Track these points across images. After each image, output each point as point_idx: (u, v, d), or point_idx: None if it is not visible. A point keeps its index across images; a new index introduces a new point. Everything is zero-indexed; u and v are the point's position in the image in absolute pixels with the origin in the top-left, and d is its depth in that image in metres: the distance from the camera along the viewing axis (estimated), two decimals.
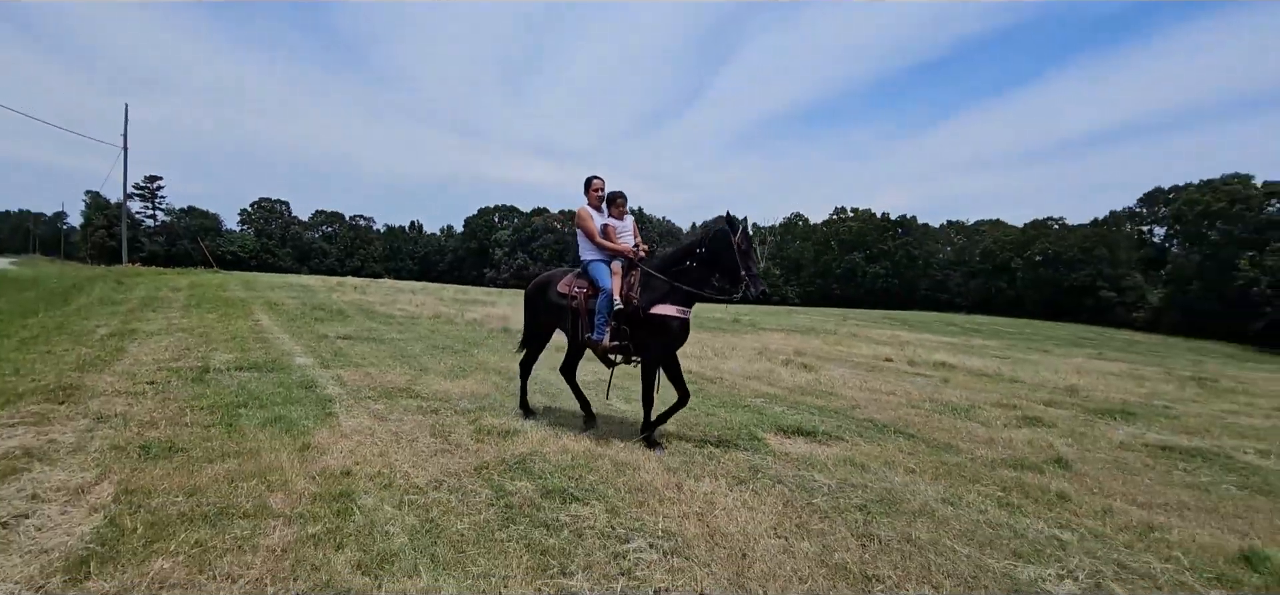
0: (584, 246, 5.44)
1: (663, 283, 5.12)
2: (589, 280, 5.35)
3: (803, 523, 3.64)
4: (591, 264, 5.34)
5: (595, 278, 5.27)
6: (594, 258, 5.35)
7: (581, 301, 5.37)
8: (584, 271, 5.42)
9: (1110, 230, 72.23)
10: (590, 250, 5.39)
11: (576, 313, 5.40)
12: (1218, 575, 3.23)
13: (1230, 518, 4.31)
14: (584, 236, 5.41)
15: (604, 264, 5.31)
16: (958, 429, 6.63)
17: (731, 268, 4.97)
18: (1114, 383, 12.26)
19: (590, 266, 5.34)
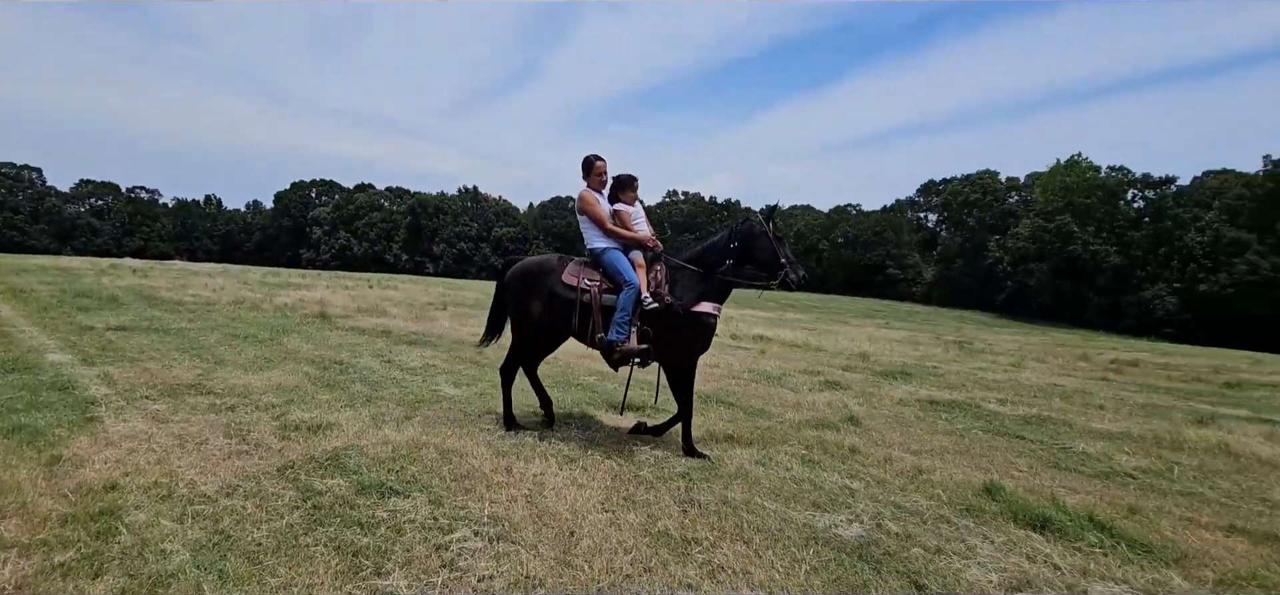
0: (593, 234, 4.85)
1: (698, 277, 4.78)
2: (603, 272, 4.75)
3: (629, 495, 3.76)
4: (607, 253, 4.74)
5: (616, 270, 4.66)
6: (607, 247, 4.78)
7: (595, 296, 4.70)
8: (596, 262, 4.81)
9: (896, 216, 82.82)
10: (600, 238, 4.81)
11: (586, 309, 4.72)
12: (968, 506, 3.86)
13: (978, 457, 5.17)
14: (592, 223, 4.84)
15: (621, 254, 4.75)
16: (771, 395, 7.25)
17: (769, 257, 4.74)
18: (896, 348, 14.14)
19: (607, 256, 4.73)
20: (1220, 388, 10.61)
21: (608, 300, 4.66)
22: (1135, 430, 6.31)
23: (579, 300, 4.75)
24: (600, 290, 4.70)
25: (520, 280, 5.05)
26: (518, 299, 5.06)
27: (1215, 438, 5.86)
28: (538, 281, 4.95)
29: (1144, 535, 3.48)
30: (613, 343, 4.57)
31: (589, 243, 4.88)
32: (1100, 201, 58.32)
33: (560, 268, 4.92)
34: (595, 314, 4.68)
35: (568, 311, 4.80)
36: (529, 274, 5.02)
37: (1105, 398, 8.49)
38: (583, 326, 4.76)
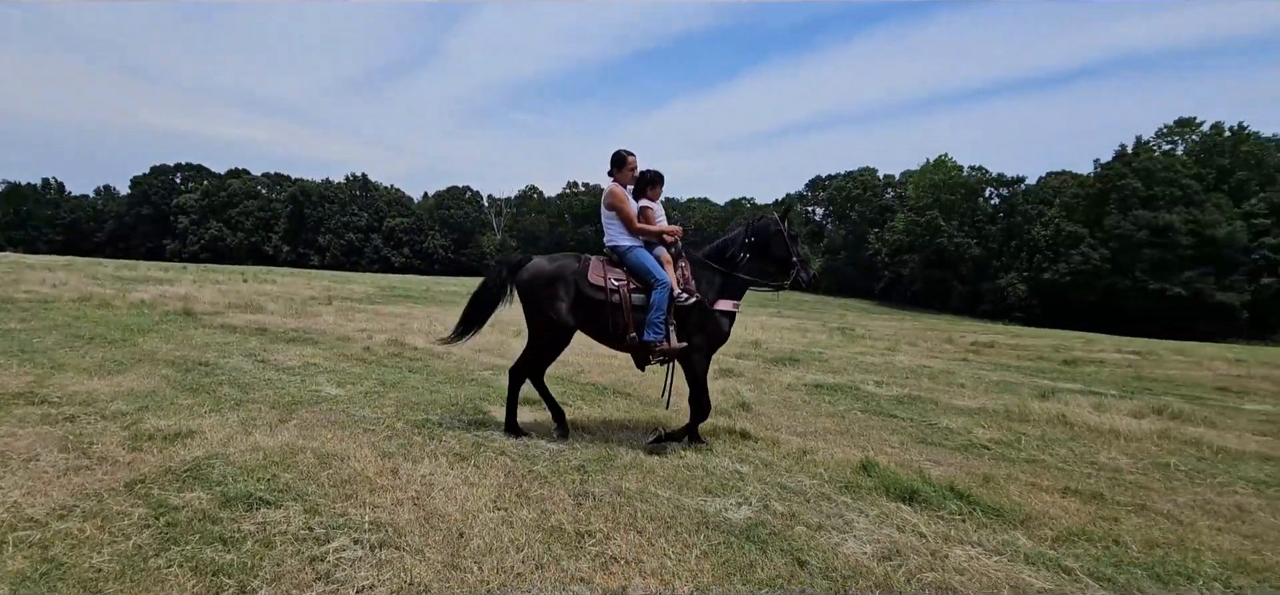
0: (618, 231, 4.77)
1: (720, 274, 4.82)
2: (630, 270, 4.67)
3: (523, 491, 3.70)
4: (633, 251, 4.68)
5: (645, 268, 4.61)
6: (633, 245, 4.72)
7: (624, 295, 4.59)
8: (621, 259, 4.74)
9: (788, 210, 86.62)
10: (625, 235, 4.75)
11: (616, 308, 4.60)
12: (846, 483, 4.10)
13: (857, 436, 5.51)
14: (620, 220, 4.75)
15: (647, 252, 4.70)
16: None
17: (783, 255, 4.90)
18: (786, 336, 14.83)
19: (632, 253, 4.68)
20: (1059, 365, 11.94)
21: (637, 299, 4.59)
22: (990, 406, 6.97)
23: (609, 300, 4.62)
24: (629, 289, 4.62)
25: (543, 282, 4.75)
26: (541, 301, 4.75)
27: (1054, 410, 6.58)
28: (562, 282, 4.72)
29: (996, 501, 3.85)
30: (649, 343, 4.53)
31: (613, 239, 4.81)
32: (963, 198, 64.01)
33: (583, 267, 4.75)
34: (625, 313, 4.59)
35: (597, 312, 4.66)
36: (553, 275, 4.75)
37: (966, 377, 9.32)
38: (613, 327, 4.63)
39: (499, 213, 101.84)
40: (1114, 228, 51.85)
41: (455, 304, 18.30)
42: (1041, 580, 2.92)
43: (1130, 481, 4.56)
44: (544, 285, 4.74)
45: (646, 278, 4.61)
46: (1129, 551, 3.30)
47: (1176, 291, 49.31)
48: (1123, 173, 53.37)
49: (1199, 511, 4.00)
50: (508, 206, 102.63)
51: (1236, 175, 52.07)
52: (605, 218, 4.89)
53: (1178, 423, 6.49)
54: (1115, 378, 10.37)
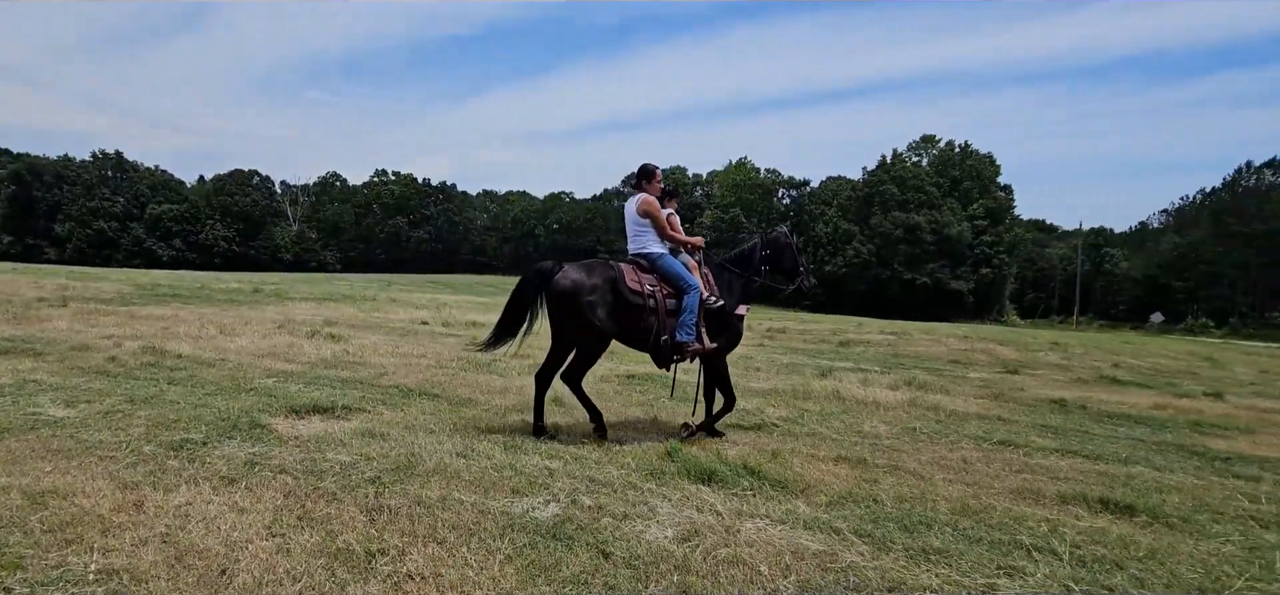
0: (651, 238, 5.03)
1: (739, 280, 5.29)
2: (661, 275, 4.95)
3: (305, 512, 3.31)
4: (664, 258, 4.97)
5: (676, 273, 4.91)
6: (663, 251, 5.03)
7: (660, 299, 4.83)
8: (652, 265, 4.98)
9: (605, 204, 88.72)
10: (657, 243, 5.03)
11: (654, 312, 4.82)
12: (652, 470, 4.25)
13: (664, 424, 5.76)
14: (652, 228, 5.03)
15: (675, 258, 5.01)
16: (480, 383, 7.12)
17: (792, 265, 5.54)
18: None
19: (663, 260, 4.96)
20: (837, 347, 13.60)
21: (670, 304, 4.87)
22: (780, 386, 7.71)
23: (646, 304, 4.82)
24: (663, 293, 4.87)
25: (587, 290, 4.79)
26: (583, 309, 4.78)
27: (831, 387, 7.45)
28: (604, 290, 4.82)
29: (782, 474, 4.23)
30: (684, 344, 4.83)
31: (644, 246, 5.04)
32: (760, 198, 70.46)
33: (620, 273, 4.87)
34: (661, 317, 4.83)
35: (634, 316, 4.83)
36: (596, 283, 4.82)
37: (762, 361, 10.22)
38: (649, 330, 4.86)
39: (294, 201, 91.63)
40: (878, 226, 60.28)
41: (236, 303, 16.09)
42: (816, 543, 3.25)
43: (887, 446, 5.30)
44: (588, 293, 4.79)
45: (678, 282, 4.91)
46: (884, 508, 3.81)
47: (923, 280, 58.69)
48: (883, 179, 62.24)
49: (936, 467, 4.76)
50: (306, 195, 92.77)
51: (964, 184, 63.22)
52: (637, 225, 5.10)
53: (922, 392, 7.69)
54: (878, 356, 12.05)
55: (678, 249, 5.16)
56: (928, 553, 3.21)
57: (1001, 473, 4.70)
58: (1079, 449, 5.48)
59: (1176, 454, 5.53)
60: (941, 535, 3.45)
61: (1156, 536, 3.58)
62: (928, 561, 3.12)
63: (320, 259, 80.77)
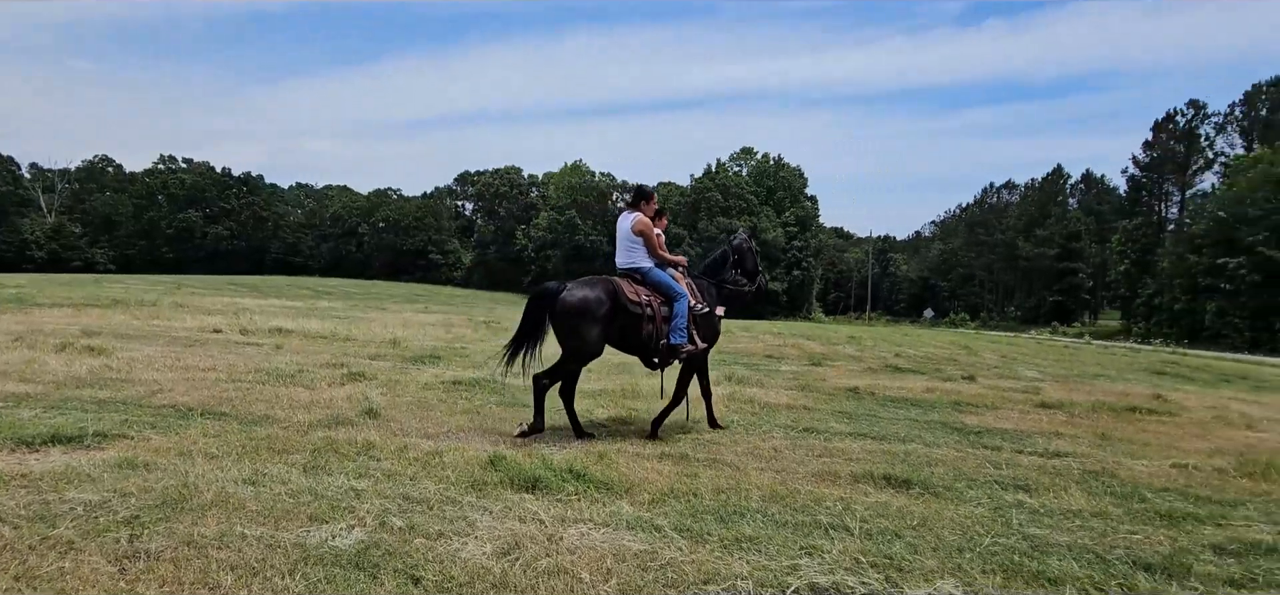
0: (642, 254, 5.56)
1: (713, 286, 5.94)
2: (653, 286, 5.45)
3: (26, 570, 2.68)
4: (654, 272, 5.52)
5: (667, 284, 5.47)
6: (652, 265, 5.54)
7: (655, 308, 5.34)
8: (644, 278, 5.49)
9: (436, 203, 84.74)
10: (647, 258, 5.56)
11: (651, 320, 5.33)
12: (473, 482, 4.04)
13: (490, 431, 5.54)
14: (645, 244, 5.55)
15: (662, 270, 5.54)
16: (280, 397, 6.36)
17: (752, 267, 6.18)
18: (430, 332, 14.38)
19: (654, 273, 5.51)
20: None
21: (664, 312, 5.38)
22: (610, 386, 7.79)
23: (644, 314, 5.31)
24: (657, 303, 5.37)
25: (595, 304, 5.21)
26: (588, 323, 5.19)
27: (657, 385, 7.65)
28: (607, 304, 5.24)
29: (608, 475, 4.24)
30: (678, 347, 5.42)
31: (634, 261, 5.55)
32: (596, 200, 71.52)
33: (619, 287, 5.31)
34: (657, 324, 5.35)
35: (634, 326, 5.34)
36: (602, 299, 5.24)
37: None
38: (647, 337, 5.37)
39: (51, 188, 76.48)
40: (705, 230, 63.93)
41: None
42: (638, 543, 3.28)
43: (707, 440, 5.55)
44: (597, 307, 5.20)
45: (669, 292, 5.45)
46: (703, 501, 3.96)
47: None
48: (709, 186, 66.21)
49: (750, 457, 5.06)
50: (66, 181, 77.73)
51: (778, 194, 69.23)
52: (629, 241, 5.57)
53: (741, 386, 8.20)
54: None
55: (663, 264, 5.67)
56: (740, 541, 3.38)
57: (805, 458, 5.12)
58: (868, 431, 6.16)
59: (942, 430, 6.43)
60: (753, 522, 3.65)
61: (926, 505, 4.10)
62: (740, 550, 3.28)
63: (86, 257, 68.02)
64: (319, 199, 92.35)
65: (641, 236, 5.56)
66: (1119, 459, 5.56)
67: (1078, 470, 5.11)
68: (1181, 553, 3.51)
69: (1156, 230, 58.58)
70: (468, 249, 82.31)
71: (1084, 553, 3.47)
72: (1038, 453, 5.67)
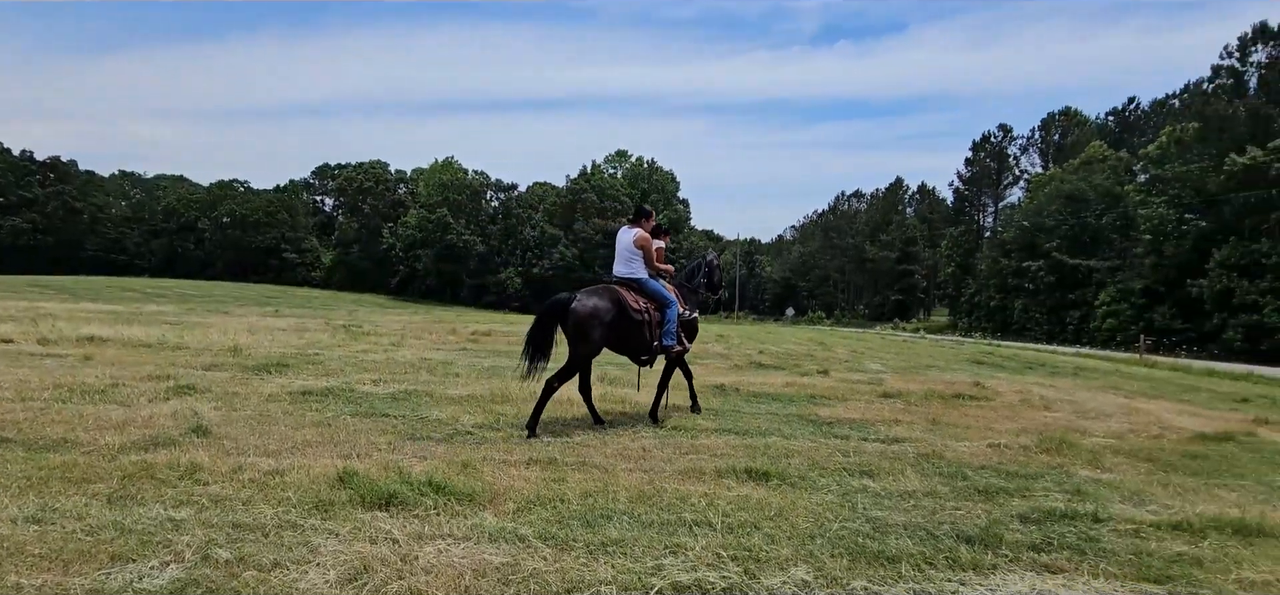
0: (640, 266, 6.24)
1: (692, 293, 6.89)
2: (650, 296, 6.13)
3: None
4: (649, 281, 6.23)
5: (660, 293, 6.20)
6: (647, 276, 6.26)
7: (651, 315, 6.04)
8: (642, 290, 6.13)
9: (290, 198, 78.04)
10: (644, 270, 6.26)
11: (648, 325, 6.01)
12: (318, 502, 3.70)
13: (342, 444, 5.12)
14: (644, 259, 6.24)
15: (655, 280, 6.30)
16: (85, 417, 5.51)
17: (718, 280, 7.16)
18: (279, 337, 13.16)
19: (650, 283, 6.22)
20: None
21: (656, 317, 6.03)
22: (479, 392, 7.52)
23: (643, 320, 5.95)
24: (653, 309, 6.03)
25: (604, 312, 5.77)
26: (597, 328, 5.74)
27: (529, 389, 7.50)
28: (614, 311, 5.82)
29: (470, 486, 4.06)
30: (670, 347, 6.12)
31: (634, 272, 6.17)
32: (469, 198, 69.28)
33: (621, 297, 5.90)
34: (653, 328, 6.03)
35: (640, 331, 5.97)
36: (609, 307, 5.81)
37: (463, 366, 9.91)
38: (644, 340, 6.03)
39: None
40: (581, 231, 64.01)
41: None
42: (500, 555, 3.16)
43: (577, 442, 5.50)
44: (604, 315, 5.76)
45: (662, 300, 6.15)
46: (570, 506, 3.90)
47: None
48: (585, 188, 66.37)
49: (619, 458, 5.08)
50: None
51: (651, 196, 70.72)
52: (629, 253, 6.19)
53: (613, 387, 8.23)
54: None
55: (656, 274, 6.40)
56: (606, 545, 3.36)
57: (673, 456, 5.22)
58: (732, 427, 6.41)
59: (799, 423, 6.83)
60: (619, 525, 3.65)
61: (783, 496, 4.31)
62: (605, 554, 3.26)
63: None
64: (148, 190, 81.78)
65: (642, 250, 6.24)
66: (946, 442, 6.19)
67: (913, 454, 5.63)
68: (995, 524, 3.95)
69: (976, 237, 66.51)
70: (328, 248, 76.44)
71: (917, 530, 3.81)
72: (880, 440, 6.18)
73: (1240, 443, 6.85)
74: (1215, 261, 34.81)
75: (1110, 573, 3.39)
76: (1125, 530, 4.00)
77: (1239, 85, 38.17)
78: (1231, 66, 38.79)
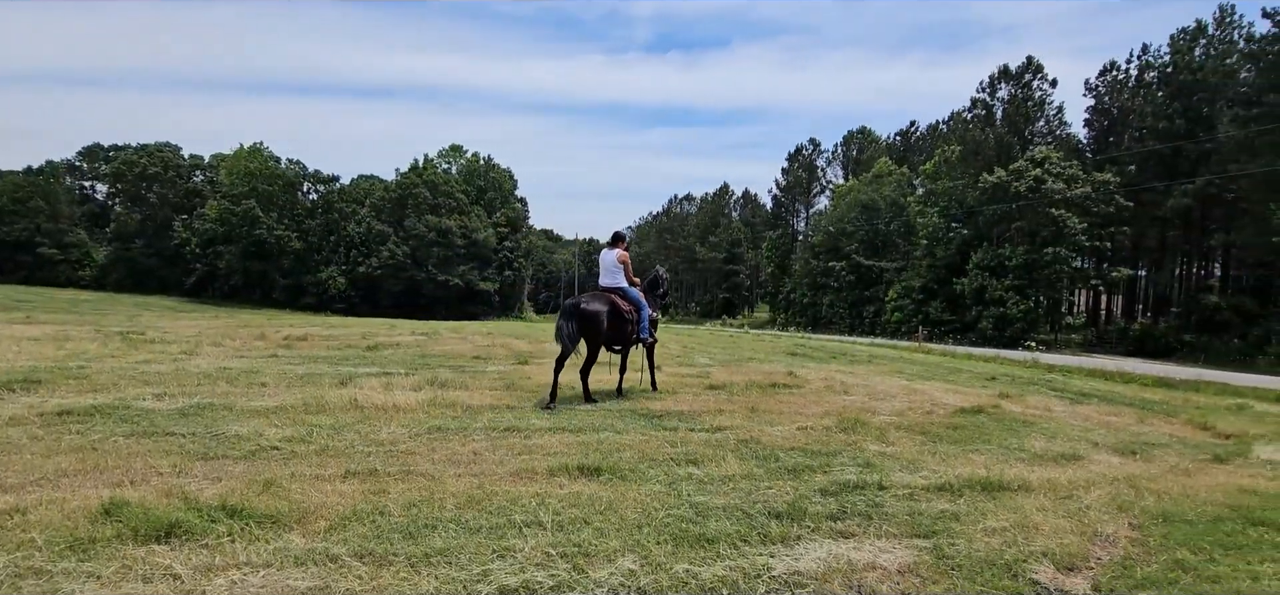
0: (620, 278, 8.13)
1: (656, 300, 8.86)
2: (631, 301, 8.07)
3: None
4: (631, 290, 8.15)
5: (637, 298, 8.16)
6: (628, 287, 8.15)
7: (633, 315, 8.01)
8: (625, 296, 8.03)
9: (49, 182, 65.12)
10: (624, 280, 8.15)
11: (631, 322, 7.96)
12: (75, 541, 3.14)
13: (111, 470, 4.38)
14: (624, 273, 8.16)
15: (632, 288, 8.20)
16: None
17: (664, 291, 9.17)
18: (29, 348, 10.94)
19: (630, 292, 8.12)
20: (364, 351, 12.95)
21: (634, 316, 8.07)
22: (289, 401, 6.83)
23: (629, 318, 7.96)
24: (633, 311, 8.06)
25: (605, 313, 7.64)
26: (603, 324, 7.62)
27: (349, 396, 6.98)
28: (611, 313, 7.72)
29: (273, 506, 3.67)
30: (644, 339, 8.31)
31: (618, 282, 8.12)
32: (281, 190, 62.50)
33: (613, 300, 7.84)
34: (634, 325, 8.06)
35: (626, 326, 7.94)
36: (607, 310, 7.68)
37: (272, 374, 8.93)
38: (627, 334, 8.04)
39: None
40: (412, 228, 60.63)
41: None
42: (308, 579, 2.90)
43: (403, 451, 5.20)
44: (606, 315, 7.65)
45: (638, 303, 8.11)
46: (392, 519, 3.68)
47: (456, 281, 61.63)
48: (416, 183, 62.94)
49: (448, 464, 4.89)
50: None
51: (488, 194, 69.05)
52: (614, 269, 8.13)
53: (444, 390, 7.91)
54: (406, 358, 11.95)
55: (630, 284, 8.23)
56: (430, 556, 3.22)
57: (505, 457, 5.13)
58: (567, 425, 6.44)
59: (632, 417, 7.04)
60: (446, 533, 3.52)
61: (613, 490, 4.42)
62: (429, 565, 3.12)
63: None
64: None
65: (623, 265, 8.19)
66: (763, 428, 6.73)
67: (733, 441, 6.05)
68: (800, 498, 4.38)
69: (792, 240, 73.12)
70: (101, 242, 64.76)
71: (735, 511, 4.11)
72: (705, 429, 6.57)
73: (989, 414, 8.23)
74: (973, 263, 41.44)
75: (891, 533, 3.91)
76: (902, 494, 4.63)
77: (989, 116, 45.82)
78: (984, 100, 46.49)
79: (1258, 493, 5.10)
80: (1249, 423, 8.79)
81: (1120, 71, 44.16)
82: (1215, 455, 6.66)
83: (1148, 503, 4.72)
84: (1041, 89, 44.60)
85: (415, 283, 60.85)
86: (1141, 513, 4.48)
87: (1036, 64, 44.32)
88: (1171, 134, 38.51)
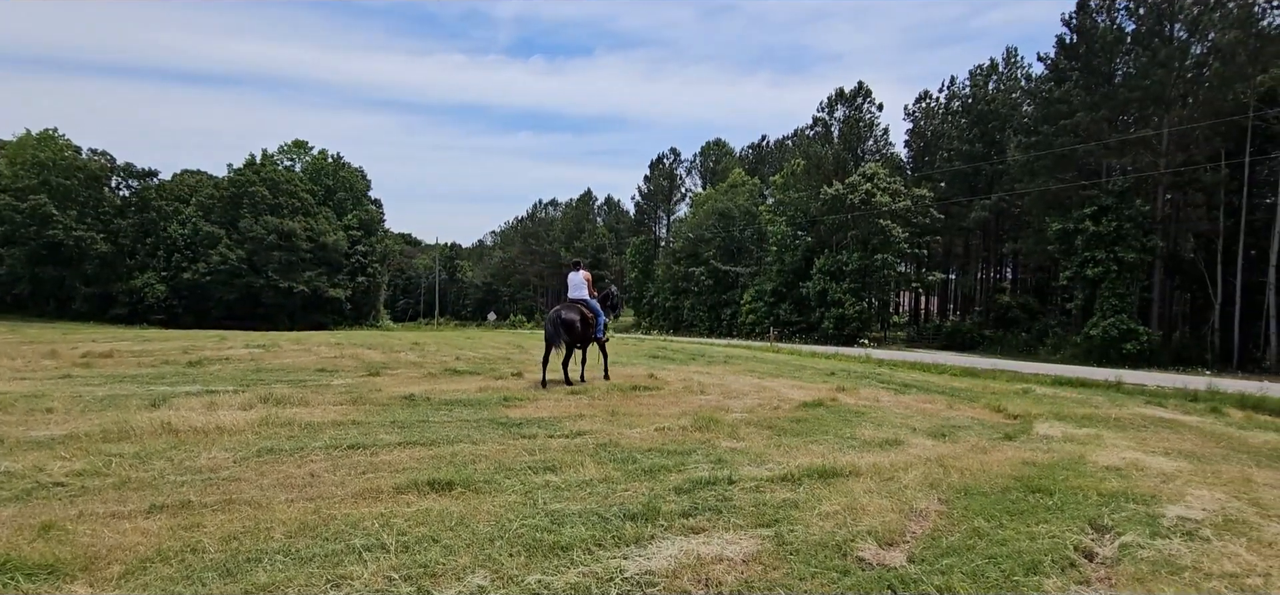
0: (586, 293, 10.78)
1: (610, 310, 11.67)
2: (593, 310, 10.64)
3: None
4: (592, 302, 10.77)
5: (596, 307, 10.79)
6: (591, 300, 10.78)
7: (592, 319, 10.54)
8: (588, 307, 10.57)
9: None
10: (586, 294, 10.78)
11: (590, 325, 10.51)
12: None
13: None
14: (587, 289, 10.83)
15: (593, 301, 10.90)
16: None
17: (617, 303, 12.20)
18: None
19: (591, 303, 10.70)
20: (185, 367, 11.50)
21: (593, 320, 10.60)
22: (83, 429, 5.89)
23: (590, 321, 10.51)
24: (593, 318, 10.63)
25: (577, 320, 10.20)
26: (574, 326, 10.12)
27: (161, 419, 6.15)
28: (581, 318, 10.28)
29: (52, 554, 3.14)
30: (601, 339, 11.15)
31: (583, 296, 10.71)
32: (83, 184, 53.90)
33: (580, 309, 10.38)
34: (593, 328, 10.62)
35: (588, 329, 10.47)
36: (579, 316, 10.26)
37: (61, 397, 7.66)
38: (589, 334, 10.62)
39: None
40: (249, 230, 54.90)
41: None
42: None
43: (224, 477, 4.67)
44: (578, 321, 10.19)
45: (597, 313, 10.78)
46: (206, 556, 3.28)
47: (301, 288, 56.66)
48: (253, 180, 57.08)
49: (279, 488, 4.45)
50: None
51: (338, 194, 64.29)
52: (580, 285, 10.84)
53: (279, 407, 7.22)
54: (237, 374, 10.77)
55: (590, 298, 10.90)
56: (251, 592, 2.91)
57: (347, 478, 4.77)
58: (419, 438, 6.12)
59: (489, 427, 6.85)
60: (272, 566, 3.20)
61: (466, 503, 4.27)
62: None
63: None
64: None
65: (587, 283, 10.83)
66: (622, 430, 6.84)
67: (593, 445, 6.09)
68: (655, 498, 4.49)
69: (654, 246, 75.20)
70: None
71: (591, 516, 4.12)
72: (565, 434, 6.55)
73: (828, 407, 8.97)
74: (816, 268, 45.09)
75: (738, 525, 4.11)
76: (749, 486, 4.90)
77: (828, 134, 50.16)
78: (823, 119, 50.84)
79: (1036, 464, 5.99)
80: (1031, 404, 10.31)
81: (933, 100, 50.60)
82: (1006, 434, 7.73)
83: (953, 479, 5.37)
84: (870, 112, 49.55)
85: (253, 290, 55.07)
86: (948, 489, 5.09)
87: (866, 89, 49.18)
88: (973, 156, 44.52)
